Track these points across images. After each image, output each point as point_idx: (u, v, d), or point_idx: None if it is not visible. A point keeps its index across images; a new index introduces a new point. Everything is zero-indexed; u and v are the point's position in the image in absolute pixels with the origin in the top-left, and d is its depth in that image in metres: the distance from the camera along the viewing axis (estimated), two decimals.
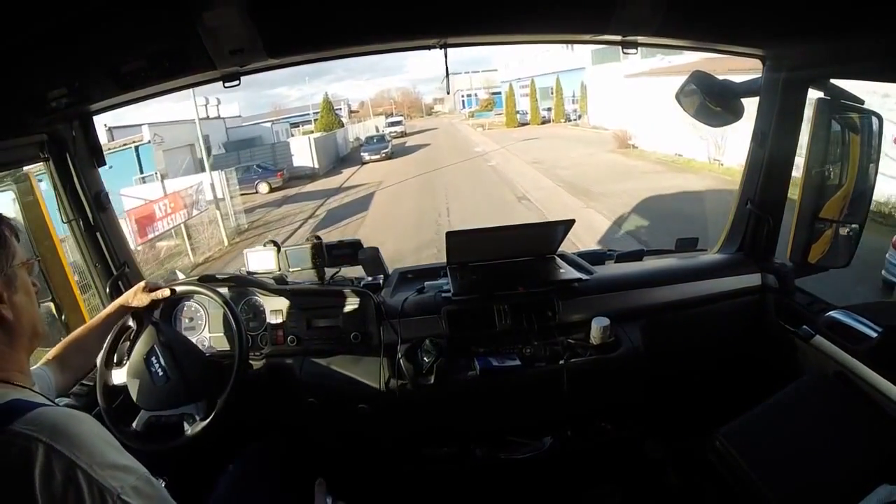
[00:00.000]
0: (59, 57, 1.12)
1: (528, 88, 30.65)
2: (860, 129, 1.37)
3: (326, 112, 33.11)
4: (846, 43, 1.17)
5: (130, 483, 0.59)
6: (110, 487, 0.57)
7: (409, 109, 57.94)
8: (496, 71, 42.87)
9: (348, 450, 1.64)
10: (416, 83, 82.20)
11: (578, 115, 27.11)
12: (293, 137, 22.11)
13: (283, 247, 1.62)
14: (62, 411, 0.62)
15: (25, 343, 0.70)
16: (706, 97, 1.48)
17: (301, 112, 41.86)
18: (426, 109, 60.15)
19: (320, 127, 30.95)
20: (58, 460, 0.55)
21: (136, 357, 1.22)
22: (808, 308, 1.51)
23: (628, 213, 8.29)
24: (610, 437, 1.57)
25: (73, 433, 0.59)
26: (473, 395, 1.44)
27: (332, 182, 17.25)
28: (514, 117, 30.43)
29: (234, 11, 1.10)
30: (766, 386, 1.38)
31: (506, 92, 32.29)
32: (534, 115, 30.39)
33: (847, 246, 1.44)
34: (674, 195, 9.17)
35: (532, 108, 30.54)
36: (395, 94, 59.67)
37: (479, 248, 1.66)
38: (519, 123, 30.00)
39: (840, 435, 1.20)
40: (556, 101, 29.61)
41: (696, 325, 1.65)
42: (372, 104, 57.87)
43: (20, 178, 1.99)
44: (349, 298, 1.54)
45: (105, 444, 0.61)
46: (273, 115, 40.29)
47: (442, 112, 57.05)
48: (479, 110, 44.07)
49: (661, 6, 1.21)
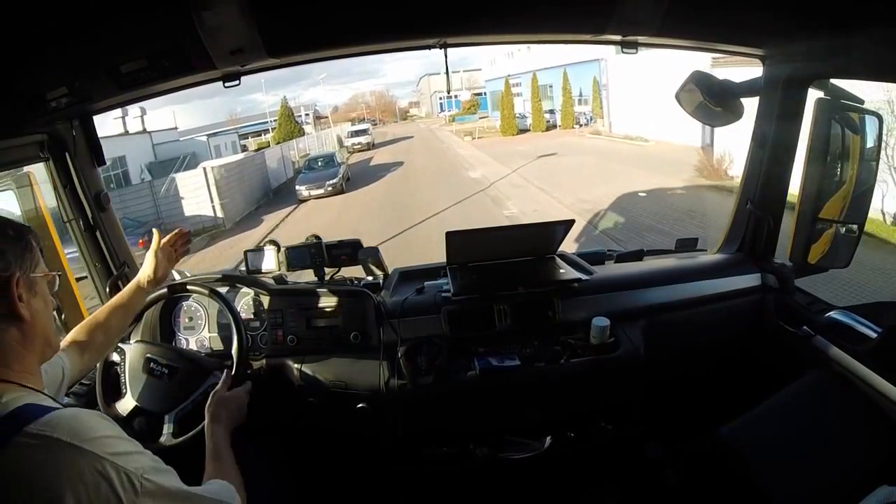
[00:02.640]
0: (59, 56, 1.12)
1: (528, 86, 24.42)
2: (860, 129, 1.37)
3: (285, 119, 29.16)
4: (846, 43, 1.17)
5: (148, 464, 0.66)
6: (134, 470, 0.62)
7: (383, 114, 53.33)
8: (480, 70, 37.18)
9: (348, 449, 1.64)
10: (391, 87, 79.43)
11: (590, 119, 22.54)
12: (179, 175, 12.84)
13: (283, 246, 1.63)
14: (74, 412, 0.66)
15: (38, 348, 0.73)
16: (706, 97, 1.48)
17: (257, 121, 36.07)
18: (401, 114, 54.54)
19: (278, 137, 27.66)
20: (84, 457, 0.59)
21: (136, 360, 1.23)
22: (808, 308, 1.51)
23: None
24: (610, 437, 1.57)
25: (91, 430, 0.62)
26: (473, 395, 1.44)
27: (230, 251, 9.56)
28: (513, 122, 24.26)
29: (235, 11, 1.10)
30: (765, 386, 1.38)
31: (499, 92, 26.18)
32: (537, 119, 24.16)
33: (847, 246, 1.44)
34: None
35: (534, 110, 24.12)
36: (370, 98, 55.47)
37: (479, 249, 1.65)
38: (518, 130, 24.19)
39: (840, 435, 1.20)
40: (564, 102, 23.20)
41: (696, 326, 1.65)
42: (346, 109, 54.58)
43: (20, 178, 1.99)
44: (349, 298, 1.54)
45: (117, 434, 0.66)
46: (229, 125, 33.94)
47: (418, 116, 51.54)
48: (461, 113, 37.82)
49: (661, 6, 1.21)
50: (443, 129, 33.53)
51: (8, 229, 0.70)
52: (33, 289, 0.71)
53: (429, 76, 44.31)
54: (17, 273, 0.68)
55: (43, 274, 0.74)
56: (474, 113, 37.09)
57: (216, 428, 1.04)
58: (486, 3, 1.21)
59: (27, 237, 0.72)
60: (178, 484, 0.69)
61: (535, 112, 24.10)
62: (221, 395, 1.13)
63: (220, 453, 0.97)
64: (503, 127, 24.51)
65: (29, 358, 0.71)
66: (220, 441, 1.00)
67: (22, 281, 0.68)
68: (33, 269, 0.71)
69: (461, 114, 37.74)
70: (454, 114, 38.06)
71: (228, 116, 38.25)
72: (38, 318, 0.71)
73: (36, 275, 0.72)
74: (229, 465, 0.95)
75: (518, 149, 17.93)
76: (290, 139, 24.79)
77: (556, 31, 1.44)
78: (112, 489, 0.60)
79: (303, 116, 31.97)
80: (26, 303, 0.69)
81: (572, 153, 15.70)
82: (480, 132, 26.18)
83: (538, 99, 23.92)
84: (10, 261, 0.67)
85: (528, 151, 16.56)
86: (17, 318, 0.68)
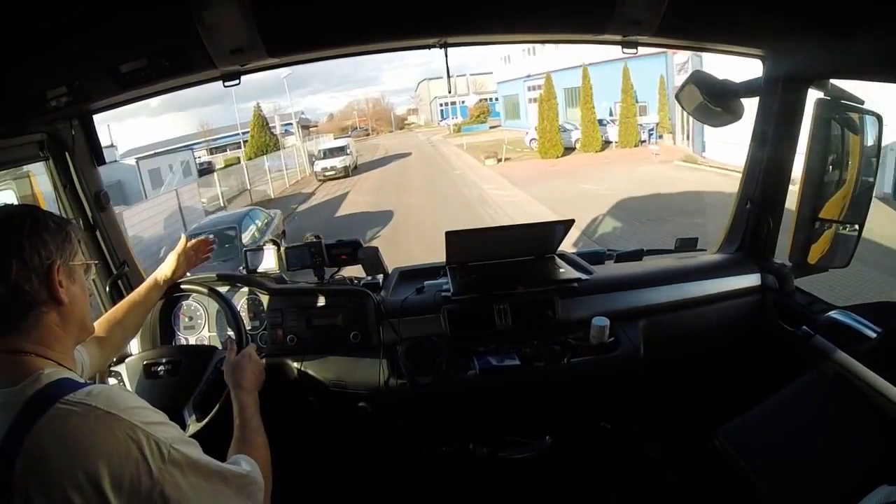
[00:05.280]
0: (58, 56, 1.12)
1: (578, 86, 17.12)
2: (860, 129, 1.38)
3: (258, 130, 24.53)
4: (846, 43, 1.17)
5: (177, 435, 0.70)
6: (163, 439, 0.67)
7: (377, 122, 46.57)
8: (490, 74, 32.04)
9: (348, 449, 1.64)
10: (389, 94, 74.80)
11: (652, 134, 16.34)
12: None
13: (283, 246, 1.63)
14: (108, 386, 0.73)
15: (74, 332, 0.78)
16: (706, 97, 1.48)
17: (226, 134, 30.14)
18: (397, 122, 47.39)
19: (251, 151, 23.35)
20: (118, 424, 0.64)
21: (135, 372, 1.23)
22: (807, 308, 1.51)
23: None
24: (609, 436, 1.57)
25: (126, 401, 0.68)
26: (473, 395, 1.44)
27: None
28: (557, 139, 16.65)
29: (235, 10, 1.10)
30: (765, 386, 1.38)
31: (513, 97, 22.22)
32: (589, 134, 16.54)
33: (847, 246, 1.44)
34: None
35: (586, 120, 16.48)
36: (365, 106, 48.23)
37: (479, 248, 1.65)
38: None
39: (839, 435, 1.20)
40: (623, 111, 16.38)
41: (696, 326, 1.65)
42: (341, 116, 49.23)
43: (20, 177, 1.99)
44: (349, 298, 1.54)
45: (146, 407, 0.71)
46: (201, 136, 30.33)
47: (417, 125, 45.29)
48: (469, 122, 32.43)
49: (661, 6, 1.21)
50: (448, 142, 26.42)
51: (49, 221, 0.75)
52: (72, 276, 0.76)
53: (428, 81, 40.35)
54: (58, 261, 0.73)
55: (81, 263, 0.79)
56: (484, 121, 32.40)
57: (239, 393, 1.04)
58: (486, 2, 1.21)
59: (67, 228, 0.77)
60: (202, 456, 0.72)
61: (587, 124, 16.37)
62: (234, 361, 1.12)
63: (246, 420, 0.98)
64: (543, 145, 16.78)
65: (66, 340, 0.76)
66: (247, 407, 1.01)
67: (62, 268, 0.74)
68: (72, 258, 0.77)
69: (468, 122, 32.74)
70: (460, 123, 33.02)
71: (200, 127, 32.55)
72: (75, 303, 0.76)
73: (74, 263, 0.77)
74: (256, 431, 0.96)
75: (584, 188, 11.16)
76: (264, 152, 21.21)
77: (556, 31, 1.44)
78: (142, 454, 0.64)
79: (278, 127, 24.78)
80: (66, 288, 0.74)
81: (707, 206, 8.39)
82: (510, 149, 18.39)
83: (590, 104, 16.30)
84: (52, 250, 0.73)
85: (606, 195, 9.82)
86: (57, 302, 0.73)
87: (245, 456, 0.85)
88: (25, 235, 0.70)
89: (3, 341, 0.69)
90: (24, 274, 0.69)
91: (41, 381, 0.66)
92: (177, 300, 1.58)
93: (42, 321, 0.71)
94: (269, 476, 0.86)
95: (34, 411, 0.63)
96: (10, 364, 0.68)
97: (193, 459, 0.70)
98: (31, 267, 0.70)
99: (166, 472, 0.65)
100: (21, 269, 0.69)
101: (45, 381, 0.66)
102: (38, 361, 0.69)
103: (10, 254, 0.69)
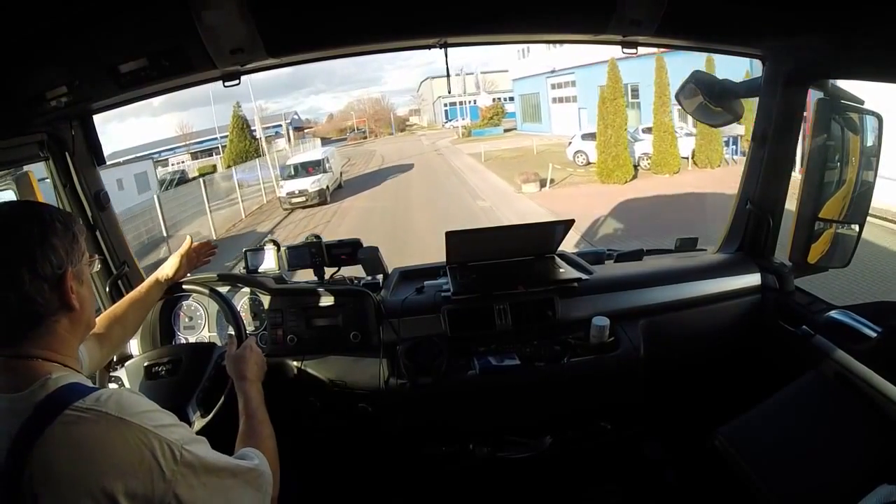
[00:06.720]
0: (58, 56, 1.12)
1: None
2: (860, 129, 1.38)
3: (238, 134, 22.01)
4: (847, 43, 1.17)
5: (187, 435, 0.70)
6: (175, 441, 0.66)
7: (376, 123, 41.75)
8: (505, 72, 28.26)
9: (348, 449, 1.64)
10: (390, 95, 70.55)
11: (741, 152, 11.11)
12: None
13: (283, 246, 1.62)
14: (116, 390, 0.70)
15: (81, 333, 0.77)
16: (706, 97, 1.48)
17: (205, 137, 27.81)
18: (398, 123, 42.74)
19: (229, 157, 20.89)
20: (130, 430, 0.63)
21: (136, 374, 1.23)
22: (807, 308, 1.51)
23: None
24: (610, 436, 1.57)
25: (135, 405, 0.67)
26: (473, 395, 1.44)
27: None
28: (625, 153, 11.53)
29: (235, 10, 1.10)
30: (765, 386, 1.38)
31: (533, 95, 17.19)
32: (665, 149, 11.54)
33: (847, 246, 1.44)
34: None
35: (659, 129, 11.58)
36: (365, 105, 43.86)
37: (479, 248, 1.65)
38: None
39: (840, 435, 1.20)
40: (699, 125, 10.11)
41: (696, 325, 1.65)
42: (341, 117, 45.45)
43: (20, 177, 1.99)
44: (349, 298, 1.54)
45: (156, 409, 0.70)
46: (179, 140, 27.94)
47: (419, 126, 41.20)
48: (480, 125, 28.78)
49: (661, 6, 1.21)
50: (459, 150, 21.50)
51: (56, 222, 0.71)
52: (81, 278, 0.74)
53: (431, 79, 37.59)
54: (69, 268, 0.71)
55: (86, 261, 0.77)
56: (497, 124, 28.68)
57: (244, 385, 1.04)
58: (486, 2, 1.21)
59: (73, 228, 0.74)
60: (212, 454, 0.72)
61: (662, 133, 11.56)
62: (237, 354, 1.12)
63: (252, 411, 0.98)
64: (605, 163, 11.62)
65: (73, 342, 0.74)
66: (252, 398, 1.01)
67: (72, 274, 0.72)
68: (80, 259, 0.75)
69: (480, 125, 28.76)
70: (470, 125, 29.01)
71: (179, 130, 29.53)
72: (85, 306, 0.75)
73: (82, 264, 0.75)
74: (262, 422, 0.96)
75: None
76: (245, 159, 18.80)
77: (556, 30, 1.44)
78: (155, 459, 0.64)
79: (259, 130, 20.43)
80: (76, 293, 0.72)
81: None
82: (557, 169, 12.66)
83: (667, 106, 11.30)
84: (63, 256, 0.70)
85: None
86: (69, 308, 0.71)
87: (253, 448, 0.85)
88: (36, 243, 0.67)
89: (11, 348, 0.67)
90: (36, 285, 0.67)
91: (49, 386, 0.64)
92: (177, 300, 1.58)
93: (53, 328, 0.70)
94: (276, 465, 0.86)
95: (43, 418, 0.61)
96: (17, 369, 0.66)
97: (205, 459, 0.69)
98: (43, 276, 0.67)
99: (179, 474, 0.65)
100: (33, 279, 0.66)
101: (53, 385, 0.65)
102: (45, 365, 0.67)
103: (20, 264, 0.66)
